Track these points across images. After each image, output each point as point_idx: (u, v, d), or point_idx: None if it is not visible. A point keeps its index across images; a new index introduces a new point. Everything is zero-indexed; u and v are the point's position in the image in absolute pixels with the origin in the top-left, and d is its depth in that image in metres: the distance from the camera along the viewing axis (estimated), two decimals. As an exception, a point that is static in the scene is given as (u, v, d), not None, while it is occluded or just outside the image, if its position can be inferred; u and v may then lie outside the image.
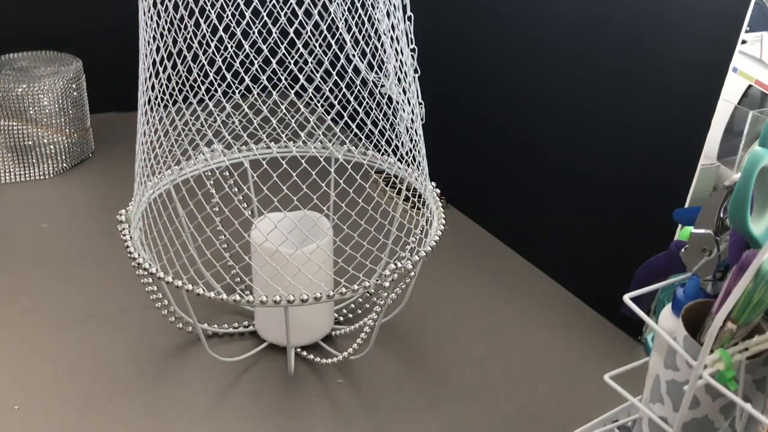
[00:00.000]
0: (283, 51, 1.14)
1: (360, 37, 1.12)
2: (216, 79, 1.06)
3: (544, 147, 1.53)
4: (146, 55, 1.10)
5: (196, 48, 1.06)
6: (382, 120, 1.17)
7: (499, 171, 1.67)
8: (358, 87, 1.15)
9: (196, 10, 1.06)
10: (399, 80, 1.17)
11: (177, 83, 1.08)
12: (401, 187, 1.31)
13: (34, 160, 1.92)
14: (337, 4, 1.14)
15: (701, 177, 1.21)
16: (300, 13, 1.09)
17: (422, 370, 1.30)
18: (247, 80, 1.10)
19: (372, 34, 1.13)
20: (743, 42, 1.13)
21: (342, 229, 1.13)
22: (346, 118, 1.15)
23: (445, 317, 1.44)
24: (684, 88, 1.21)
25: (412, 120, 1.20)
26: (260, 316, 1.34)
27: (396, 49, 1.16)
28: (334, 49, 1.16)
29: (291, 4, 1.11)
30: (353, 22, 1.12)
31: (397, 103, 1.19)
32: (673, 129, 1.24)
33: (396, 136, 1.20)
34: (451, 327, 1.42)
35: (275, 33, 1.12)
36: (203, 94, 1.08)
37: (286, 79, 1.18)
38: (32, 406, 1.20)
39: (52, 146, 1.93)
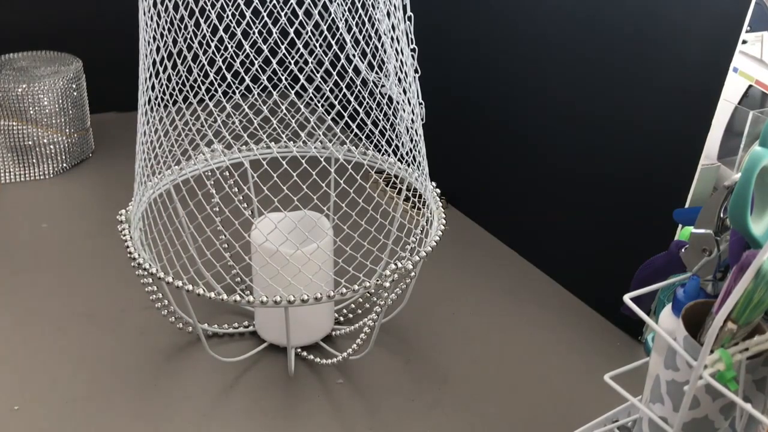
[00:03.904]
0: (284, 51, 1.14)
1: (360, 38, 1.12)
2: (216, 79, 1.06)
3: (544, 147, 1.53)
4: (146, 55, 1.10)
5: (196, 48, 1.06)
6: (383, 120, 1.17)
7: (499, 171, 1.67)
8: (359, 87, 1.15)
9: (197, 10, 1.06)
10: (399, 80, 1.17)
11: (177, 83, 1.08)
12: (401, 187, 1.31)
13: (34, 160, 1.92)
14: (338, 4, 1.14)
15: (701, 177, 1.21)
16: (300, 13, 1.09)
17: (422, 370, 1.30)
18: (248, 80, 1.10)
19: (372, 35, 1.13)
20: (743, 42, 1.13)
21: (342, 229, 1.13)
22: (346, 118, 1.15)
23: (445, 317, 1.44)
24: (684, 88, 1.21)
25: (412, 120, 1.20)
26: (260, 316, 1.34)
27: (396, 49, 1.16)
28: (334, 50, 1.16)
29: (291, 4, 1.11)
30: (353, 23, 1.12)
31: (398, 103, 1.19)
32: (674, 129, 1.24)
33: (396, 136, 1.20)
34: (451, 327, 1.42)
35: (275, 33, 1.12)
36: (203, 94, 1.08)
37: (286, 79, 1.18)
38: (32, 406, 1.19)
39: (52, 146, 1.93)
